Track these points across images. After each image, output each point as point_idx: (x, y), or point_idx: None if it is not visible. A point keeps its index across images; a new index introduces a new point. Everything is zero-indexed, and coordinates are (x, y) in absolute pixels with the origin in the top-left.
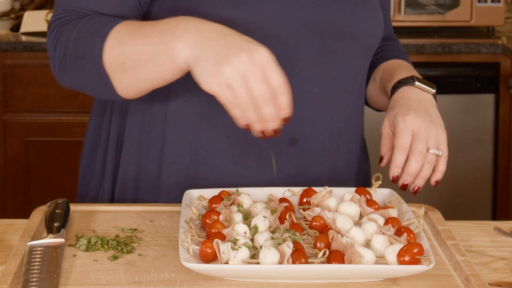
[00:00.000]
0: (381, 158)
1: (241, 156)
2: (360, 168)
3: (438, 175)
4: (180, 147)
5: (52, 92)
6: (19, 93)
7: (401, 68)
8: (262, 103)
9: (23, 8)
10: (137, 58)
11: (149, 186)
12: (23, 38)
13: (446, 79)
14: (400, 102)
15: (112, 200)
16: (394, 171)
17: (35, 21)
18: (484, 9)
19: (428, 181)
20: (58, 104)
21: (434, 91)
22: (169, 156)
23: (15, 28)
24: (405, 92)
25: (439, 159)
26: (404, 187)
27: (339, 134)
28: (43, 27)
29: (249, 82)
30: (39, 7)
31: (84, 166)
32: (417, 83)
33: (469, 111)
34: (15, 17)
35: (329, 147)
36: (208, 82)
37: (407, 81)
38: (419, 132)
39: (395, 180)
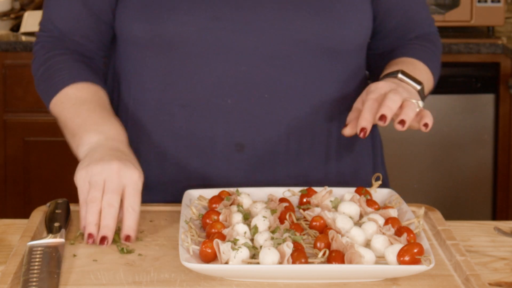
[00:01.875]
0: (345, 126)
1: (188, 159)
2: (329, 174)
3: (426, 119)
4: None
5: None
6: (19, 93)
7: (400, 64)
8: (106, 209)
9: (23, 8)
10: (65, 126)
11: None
12: (23, 38)
13: (446, 79)
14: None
15: None
16: (361, 122)
17: (35, 21)
18: (484, 9)
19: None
20: None
21: (418, 87)
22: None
23: (15, 28)
24: (386, 79)
25: (422, 112)
26: (384, 119)
27: (297, 140)
28: None
29: (106, 188)
30: (39, 7)
31: None
32: (399, 75)
33: (469, 111)
34: (15, 17)
35: (283, 154)
36: (77, 174)
37: (391, 73)
38: (394, 89)
39: (364, 133)
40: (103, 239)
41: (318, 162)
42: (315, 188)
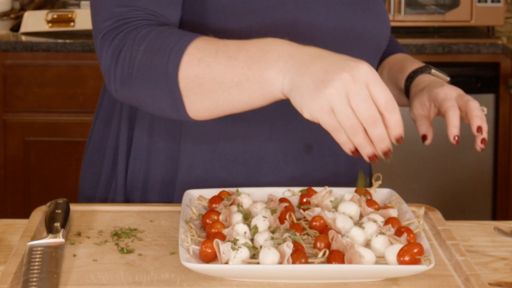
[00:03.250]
0: (424, 137)
1: (256, 167)
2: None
3: (485, 135)
4: (195, 157)
5: (52, 92)
6: (19, 93)
7: (409, 60)
8: (370, 124)
9: (23, 8)
10: (220, 81)
11: (159, 193)
12: (23, 38)
13: None
14: (425, 83)
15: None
16: (454, 131)
17: (35, 21)
18: (484, 9)
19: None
20: (58, 104)
21: (448, 79)
22: (183, 167)
23: (15, 28)
24: (425, 77)
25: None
26: (479, 129)
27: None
28: (43, 27)
29: (354, 103)
30: (39, 7)
31: (88, 172)
32: (433, 70)
33: None
34: (15, 17)
35: (344, 154)
36: (309, 109)
37: (423, 69)
38: (461, 95)
39: (457, 140)
40: (386, 153)
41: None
42: (315, 188)
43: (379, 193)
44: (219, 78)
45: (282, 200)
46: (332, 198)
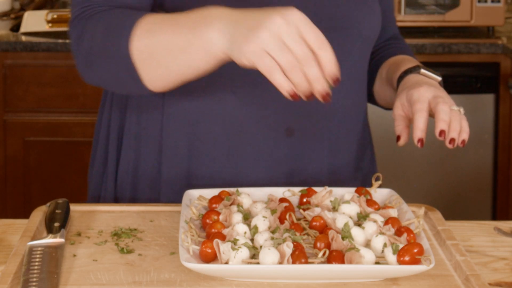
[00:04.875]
0: (398, 137)
1: (238, 148)
2: (359, 165)
3: (464, 135)
4: (178, 140)
5: (52, 92)
6: (19, 93)
7: (407, 60)
8: (304, 62)
9: (23, 8)
10: (168, 48)
11: (148, 182)
12: (23, 38)
13: (446, 79)
14: (408, 84)
15: (115, 198)
16: (418, 134)
17: (35, 21)
18: (484, 9)
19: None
20: (58, 104)
21: (439, 78)
22: (167, 150)
23: (15, 28)
24: (413, 77)
25: (462, 120)
26: (441, 134)
27: (337, 126)
28: (43, 27)
29: (288, 43)
30: (39, 7)
31: (91, 171)
32: (422, 70)
33: (469, 111)
34: (15, 17)
35: (327, 140)
36: (244, 53)
37: (413, 69)
38: (435, 97)
39: (422, 143)
40: (324, 95)
41: (351, 147)
42: (315, 188)
43: (379, 193)
44: (166, 46)
45: (282, 200)
46: (332, 198)
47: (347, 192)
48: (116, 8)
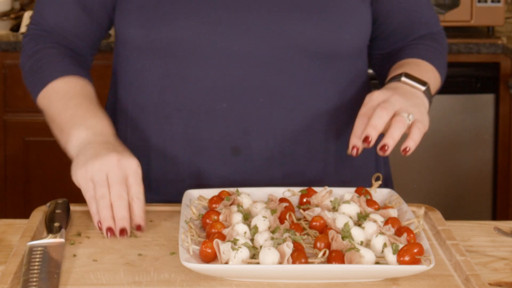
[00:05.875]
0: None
1: (185, 161)
2: (329, 178)
3: (409, 143)
4: (138, 151)
5: None
6: (19, 93)
7: (407, 65)
8: (116, 202)
9: (23, 8)
10: (52, 120)
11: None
12: None
13: (446, 79)
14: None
15: None
16: (353, 141)
17: None
18: (484, 9)
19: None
20: None
21: (423, 88)
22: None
23: (15, 28)
24: (391, 85)
25: (412, 127)
26: (368, 141)
27: (292, 144)
28: None
29: (110, 181)
30: None
31: None
32: (403, 78)
33: (469, 111)
34: (15, 17)
35: (278, 157)
36: (77, 174)
37: (395, 77)
38: (383, 102)
39: (356, 152)
40: (122, 231)
41: (316, 164)
42: (315, 188)
43: (379, 193)
44: (52, 119)
45: (282, 200)
46: (332, 198)
47: (347, 192)
48: (46, 52)
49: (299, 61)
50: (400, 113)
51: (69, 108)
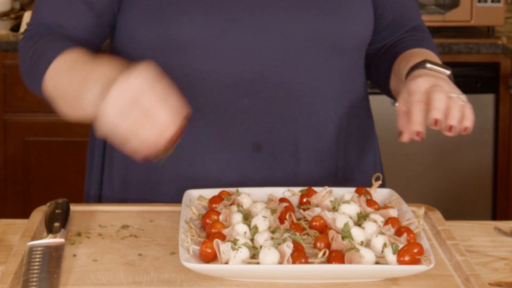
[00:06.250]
0: (400, 133)
1: (205, 160)
2: (342, 175)
3: (467, 122)
4: None
5: None
6: (19, 93)
7: (418, 54)
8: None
9: (23, 8)
10: (66, 94)
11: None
12: None
13: None
14: (410, 78)
15: (112, 198)
16: (414, 127)
17: None
18: (484, 9)
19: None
20: None
21: (448, 72)
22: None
23: (15, 28)
24: (417, 73)
25: (464, 108)
26: (436, 123)
27: (313, 139)
28: None
29: (125, 114)
30: None
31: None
32: (428, 65)
33: None
34: (15, 17)
35: (301, 152)
36: (100, 129)
37: (419, 64)
38: (433, 86)
39: (421, 136)
40: None
41: (328, 158)
42: (315, 188)
43: (379, 193)
44: (65, 92)
45: (282, 200)
46: (332, 198)
47: (347, 192)
48: (49, 37)
49: (315, 55)
50: (452, 97)
51: (76, 75)
